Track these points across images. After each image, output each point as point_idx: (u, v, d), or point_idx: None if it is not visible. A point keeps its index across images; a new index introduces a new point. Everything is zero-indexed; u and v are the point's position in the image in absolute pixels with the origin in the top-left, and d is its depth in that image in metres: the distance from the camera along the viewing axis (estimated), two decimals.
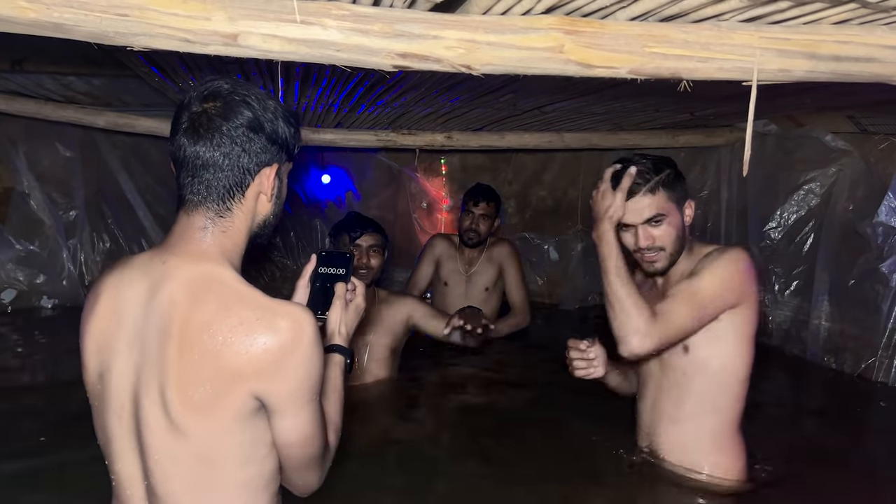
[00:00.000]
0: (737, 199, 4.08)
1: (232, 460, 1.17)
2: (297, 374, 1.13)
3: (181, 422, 1.13)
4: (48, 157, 4.52)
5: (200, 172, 1.18)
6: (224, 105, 1.16)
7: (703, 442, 1.98)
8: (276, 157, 1.22)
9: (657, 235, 1.86)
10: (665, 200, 1.86)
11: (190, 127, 1.17)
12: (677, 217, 1.87)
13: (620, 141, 4.05)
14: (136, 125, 3.74)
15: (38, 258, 4.49)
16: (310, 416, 1.18)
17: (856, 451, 2.65)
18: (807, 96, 2.68)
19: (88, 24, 1.15)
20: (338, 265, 1.46)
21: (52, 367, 3.58)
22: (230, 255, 1.20)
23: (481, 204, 3.77)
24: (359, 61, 1.29)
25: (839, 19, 1.36)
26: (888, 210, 3.20)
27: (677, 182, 1.88)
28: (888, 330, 3.22)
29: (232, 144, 1.16)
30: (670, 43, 1.35)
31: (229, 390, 1.11)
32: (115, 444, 1.22)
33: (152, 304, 1.16)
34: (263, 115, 1.18)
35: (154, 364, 1.14)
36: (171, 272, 1.16)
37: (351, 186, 5.60)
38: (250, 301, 1.12)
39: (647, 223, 1.85)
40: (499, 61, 1.32)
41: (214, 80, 1.19)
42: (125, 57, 2.44)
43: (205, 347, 1.10)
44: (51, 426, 2.58)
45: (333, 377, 1.39)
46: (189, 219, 1.20)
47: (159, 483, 1.18)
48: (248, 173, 1.19)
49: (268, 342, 1.09)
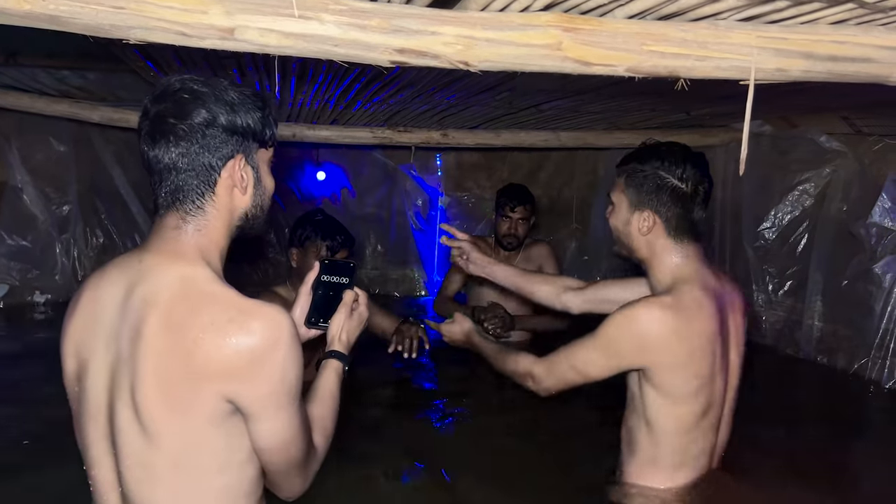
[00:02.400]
0: (731, 199, 4.09)
1: (207, 466, 1.14)
2: (271, 377, 1.09)
3: (152, 426, 1.10)
4: (41, 152, 4.50)
5: (165, 176, 1.15)
6: (174, 104, 1.13)
7: (644, 456, 1.80)
8: (240, 147, 1.18)
9: (609, 214, 1.83)
10: (620, 189, 1.77)
11: (147, 132, 1.15)
12: (623, 215, 1.76)
13: (616, 140, 4.05)
14: (131, 120, 3.72)
15: (31, 253, 4.47)
16: (287, 420, 1.15)
17: (839, 449, 2.66)
18: (802, 97, 2.69)
19: (84, 16, 1.14)
20: (341, 274, 1.47)
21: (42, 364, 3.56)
22: (208, 253, 1.17)
23: (518, 208, 3.58)
24: (356, 57, 1.29)
25: (836, 19, 1.36)
26: (882, 211, 3.22)
27: (643, 185, 1.71)
28: (881, 330, 3.23)
29: (188, 143, 1.13)
30: (668, 41, 1.35)
31: (200, 392, 1.08)
32: (91, 449, 1.20)
33: (127, 304, 1.13)
34: (216, 106, 1.14)
35: (126, 365, 1.11)
36: (147, 271, 1.14)
37: (346, 183, 5.59)
38: (223, 301, 1.09)
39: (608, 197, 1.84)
40: (496, 58, 1.32)
41: (168, 79, 1.16)
42: (120, 51, 2.43)
43: (175, 348, 1.07)
44: (32, 431, 2.58)
45: (329, 382, 1.38)
46: (162, 220, 1.18)
47: (132, 490, 1.15)
48: (212, 169, 1.16)
49: (239, 343, 1.06)
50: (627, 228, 1.75)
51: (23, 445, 2.50)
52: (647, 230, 1.71)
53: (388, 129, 4.03)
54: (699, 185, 1.70)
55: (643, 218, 1.71)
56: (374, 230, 5.62)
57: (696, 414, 1.71)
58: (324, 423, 1.32)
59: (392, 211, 5.60)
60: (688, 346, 1.63)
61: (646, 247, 1.74)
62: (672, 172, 1.68)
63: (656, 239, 1.72)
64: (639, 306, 1.64)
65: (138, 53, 2.43)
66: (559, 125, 3.94)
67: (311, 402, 1.33)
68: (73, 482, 1.57)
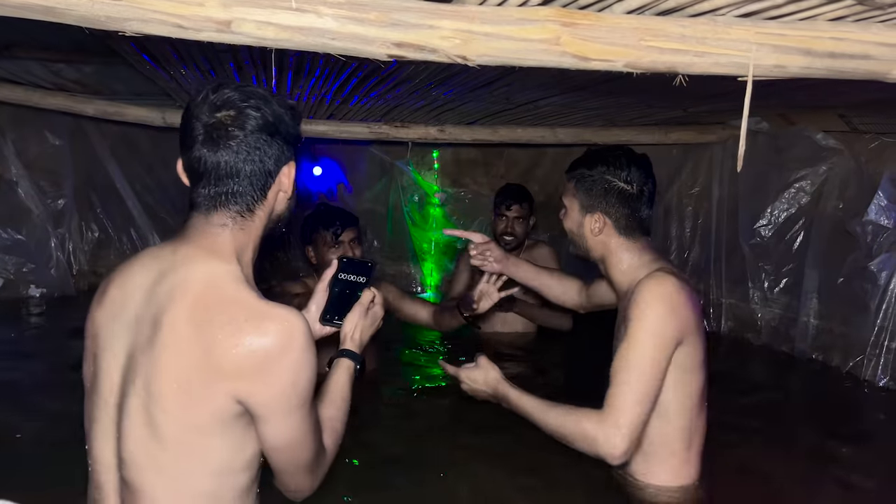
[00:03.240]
0: (728, 196, 4.09)
1: (205, 466, 1.15)
2: (282, 380, 1.12)
3: (160, 416, 1.11)
4: (36, 145, 4.47)
5: (224, 181, 1.20)
6: (237, 113, 1.19)
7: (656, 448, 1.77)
8: (291, 154, 1.26)
9: (563, 217, 1.90)
10: (571, 193, 1.86)
11: (207, 138, 1.18)
12: (576, 217, 1.85)
13: (613, 137, 4.05)
14: (126, 114, 3.71)
15: (26, 247, 4.44)
16: (297, 422, 1.17)
17: (835, 448, 2.67)
18: (799, 94, 2.69)
19: (80, 7, 1.14)
20: (358, 272, 1.49)
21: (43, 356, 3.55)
22: (243, 250, 1.21)
23: (514, 207, 3.58)
24: (354, 50, 1.28)
25: (835, 16, 1.36)
26: (878, 209, 3.22)
27: (592, 189, 1.81)
28: (876, 328, 3.24)
29: (253, 150, 1.19)
30: (667, 37, 1.34)
31: (212, 389, 1.10)
32: (96, 428, 1.22)
33: (154, 292, 1.17)
34: (273, 117, 1.21)
35: (143, 354, 1.13)
36: (179, 262, 1.18)
37: (343, 179, 5.58)
38: (243, 302, 1.12)
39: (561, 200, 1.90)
40: (494, 52, 1.31)
41: (218, 90, 1.21)
42: (116, 44, 2.41)
43: (190, 343, 1.10)
44: (29, 426, 2.57)
45: (340, 382, 1.40)
46: (208, 218, 1.21)
47: (132, 475, 1.16)
48: (270, 175, 1.23)
49: (253, 344, 1.09)
50: (581, 230, 1.85)
51: (15, 439, 2.50)
52: (598, 231, 1.81)
53: (385, 124, 4.02)
54: (644, 186, 1.81)
55: (594, 220, 1.81)
56: (370, 226, 5.61)
57: (702, 385, 1.77)
58: (333, 423, 1.33)
59: (389, 206, 5.59)
60: (696, 309, 1.73)
61: (600, 246, 1.83)
62: (618, 176, 1.79)
63: (608, 238, 1.82)
64: (655, 285, 1.66)
65: (134, 46, 2.42)
66: (556, 121, 3.93)
67: (321, 403, 1.34)
68: (72, 480, 1.57)
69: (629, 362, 1.61)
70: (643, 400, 1.59)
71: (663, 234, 4.54)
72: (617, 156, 1.81)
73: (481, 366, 1.84)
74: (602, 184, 1.80)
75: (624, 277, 1.81)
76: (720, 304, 4.21)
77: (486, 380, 1.82)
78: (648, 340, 1.61)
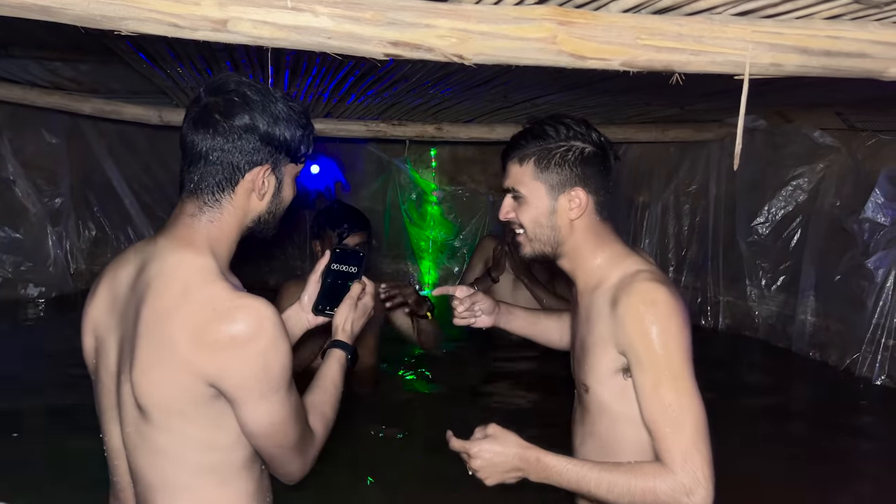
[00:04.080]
0: (725, 194, 4.10)
1: (192, 444, 1.20)
2: (252, 366, 1.14)
3: (143, 402, 1.17)
4: (33, 144, 4.47)
5: (195, 162, 1.21)
6: (224, 102, 1.19)
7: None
8: (270, 157, 1.23)
9: (516, 212, 1.51)
10: (530, 177, 1.48)
11: (193, 117, 1.21)
12: (544, 203, 1.48)
13: (610, 135, 3.95)
14: (123, 112, 3.70)
15: (23, 246, 4.44)
16: (273, 407, 1.18)
17: (833, 445, 2.68)
18: (796, 92, 2.69)
19: (76, 7, 1.13)
20: (350, 263, 1.49)
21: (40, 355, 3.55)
22: (216, 244, 1.22)
23: None
24: (350, 49, 1.28)
25: (831, 14, 1.36)
26: (874, 206, 3.23)
27: (563, 161, 1.46)
28: (873, 325, 3.25)
29: (224, 141, 1.19)
30: (663, 35, 1.34)
31: (183, 376, 1.14)
32: (104, 417, 1.29)
33: (137, 283, 1.21)
34: (261, 116, 1.20)
35: (129, 343, 1.19)
36: (157, 254, 1.21)
37: (340, 177, 5.58)
38: (212, 292, 1.15)
39: (509, 193, 1.53)
40: (491, 51, 1.31)
41: (228, 76, 1.23)
42: (112, 42, 2.41)
43: (164, 332, 1.14)
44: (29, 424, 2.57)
45: (332, 371, 1.41)
46: (183, 204, 1.24)
47: (132, 457, 1.24)
48: (238, 171, 1.21)
49: (220, 331, 1.11)
50: (553, 219, 1.48)
51: (14, 437, 2.50)
52: (579, 212, 1.46)
53: (382, 122, 4.01)
54: (609, 149, 1.52)
55: (571, 198, 1.46)
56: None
57: None
58: (323, 409, 1.35)
59: (386, 204, 5.59)
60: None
61: (574, 233, 1.49)
62: (588, 139, 1.48)
63: (583, 220, 1.48)
64: (659, 295, 1.36)
65: (131, 45, 2.41)
66: None
67: (311, 390, 1.37)
68: (69, 476, 1.58)
69: (673, 400, 1.31)
70: (705, 432, 1.31)
71: (661, 231, 4.55)
72: (573, 120, 1.50)
73: (495, 436, 1.39)
74: (574, 152, 1.46)
75: (596, 272, 1.49)
76: (717, 301, 4.22)
77: (505, 452, 1.37)
78: (679, 364, 1.33)
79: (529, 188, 1.48)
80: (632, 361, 1.37)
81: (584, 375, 1.49)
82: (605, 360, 1.43)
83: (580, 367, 1.52)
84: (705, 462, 1.29)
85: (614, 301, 1.40)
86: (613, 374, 1.42)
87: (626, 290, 1.39)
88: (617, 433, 1.46)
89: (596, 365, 1.45)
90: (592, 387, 1.47)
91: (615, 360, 1.41)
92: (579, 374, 1.53)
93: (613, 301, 1.40)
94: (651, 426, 1.33)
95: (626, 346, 1.37)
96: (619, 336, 1.38)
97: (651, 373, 1.33)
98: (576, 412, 1.60)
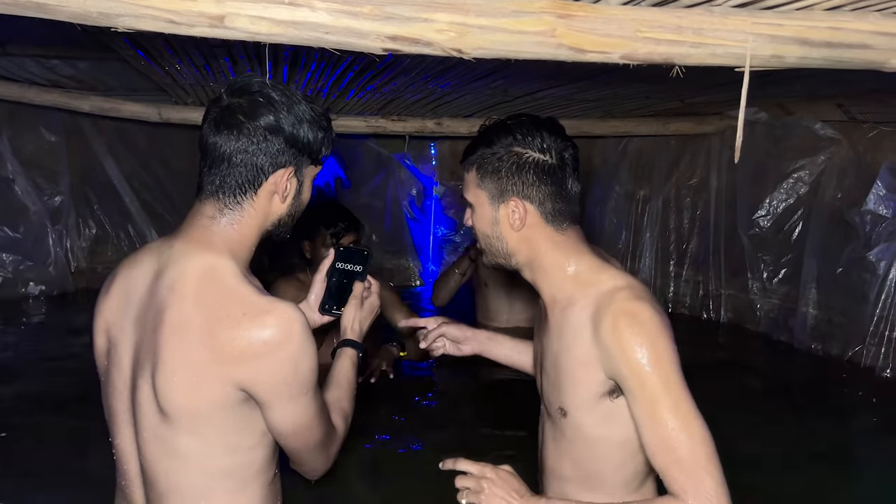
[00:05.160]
0: (726, 187, 4.09)
1: (216, 448, 1.20)
2: (282, 370, 1.15)
3: (167, 406, 1.16)
4: (33, 143, 4.47)
5: (217, 164, 1.20)
6: (248, 103, 1.19)
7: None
8: (294, 160, 1.24)
9: (470, 218, 1.45)
10: (474, 185, 1.41)
11: (215, 118, 1.20)
12: (487, 214, 1.40)
13: (611, 128, 4.04)
14: (122, 110, 3.70)
15: (24, 245, 4.45)
16: (301, 408, 1.20)
17: (837, 437, 2.67)
18: (797, 84, 2.68)
19: (72, 4, 1.13)
20: (355, 262, 1.50)
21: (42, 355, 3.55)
22: (236, 247, 1.22)
23: None
24: (348, 44, 1.27)
25: (832, 5, 1.35)
26: (876, 198, 3.22)
27: (500, 169, 1.37)
28: (875, 318, 3.25)
29: (248, 142, 1.19)
30: (663, 28, 1.33)
31: (214, 380, 1.14)
32: (115, 419, 1.28)
33: (155, 287, 1.20)
34: (286, 117, 1.20)
35: (149, 347, 1.18)
36: (176, 257, 1.20)
37: (340, 173, 5.57)
38: (240, 296, 1.15)
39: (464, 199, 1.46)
40: (490, 45, 1.30)
41: (251, 77, 1.23)
42: (110, 39, 2.40)
43: (192, 337, 1.13)
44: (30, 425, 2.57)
45: (345, 369, 1.45)
46: (201, 206, 1.23)
47: (148, 461, 1.23)
48: (262, 173, 1.21)
49: (252, 337, 1.12)
50: (497, 230, 1.40)
51: (15, 438, 2.50)
52: (520, 223, 1.37)
53: (381, 117, 4.01)
54: (564, 153, 1.40)
55: (511, 209, 1.37)
56: (368, 220, 5.59)
57: None
58: (341, 404, 1.39)
59: (387, 200, 5.58)
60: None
61: (524, 246, 1.40)
62: (529, 145, 1.38)
63: (533, 231, 1.38)
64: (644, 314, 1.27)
65: (128, 42, 2.40)
66: (554, 113, 3.92)
67: (328, 387, 1.40)
68: (69, 476, 1.57)
69: (675, 426, 1.22)
70: (713, 453, 1.21)
71: (662, 225, 4.54)
72: (522, 122, 1.40)
73: (512, 474, 1.31)
74: (511, 159, 1.37)
75: (564, 287, 1.38)
76: (719, 294, 4.22)
77: (520, 490, 1.28)
78: (676, 387, 1.24)
79: (474, 195, 1.42)
80: (625, 389, 1.28)
81: (560, 398, 1.39)
82: (587, 384, 1.33)
83: (553, 387, 1.41)
84: (717, 485, 1.19)
85: (596, 324, 1.30)
86: (598, 399, 1.33)
87: (608, 313, 1.28)
88: (596, 455, 1.39)
89: (575, 390, 1.35)
90: (571, 412, 1.37)
91: (601, 384, 1.32)
92: (552, 395, 1.42)
93: (595, 324, 1.30)
94: (654, 457, 1.24)
95: (616, 373, 1.28)
96: (605, 362, 1.29)
97: (647, 401, 1.24)
98: (545, 429, 1.51)
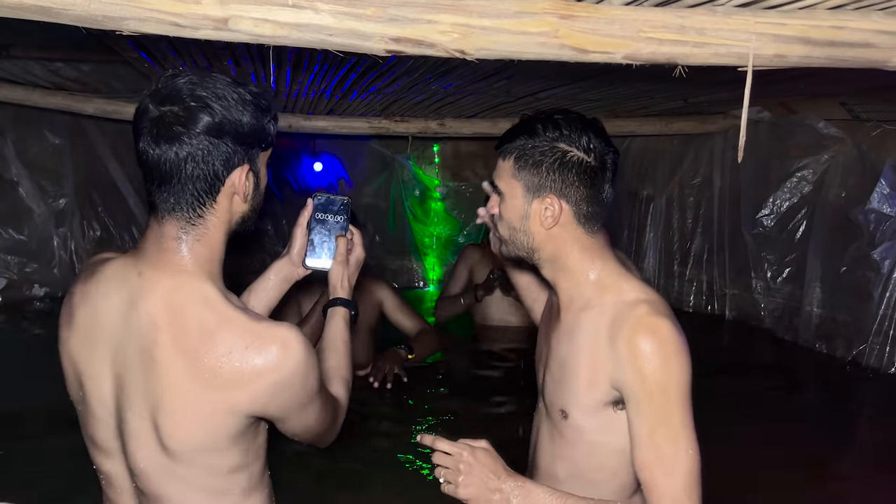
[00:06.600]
0: (730, 186, 4.08)
1: (221, 469, 1.19)
2: (293, 390, 1.14)
3: (172, 444, 1.12)
4: (37, 145, 4.48)
5: (167, 180, 1.11)
6: (182, 109, 1.09)
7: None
8: (246, 154, 1.16)
9: (498, 207, 1.41)
10: (509, 174, 1.37)
11: (150, 133, 1.10)
12: (518, 204, 1.36)
13: (614, 128, 4.04)
14: (126, 112, 3.69)
15: (28, 247, 4.46)
16: (312, 413, 1.21)
17: (841, 436, 2.67)
18: (801, 83, 2.68)
19: (76, 7, 1.13)
20: (335, 211, 1.45)
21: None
22: (208, 264, 1.16)
23: None
24: (351, 46, 1.28)
25: (834, 4, 1.35)
26: (880, 197, 3.22)
27: (541, 163, 1.33)
28: (879, 316, 3.24)
29: (194, 151, 1.09)
30: (666, 28, 1.33)
31: (222, 415, 1.12)
32: (101, 448, 1.22)
33: (132, 319, 1.12)
34: (226, 114, 1.10)
35: (139, 385, 1.12)
36: (149, 287, 1.12)
37: (343, 174, 5.58)
38: (236, 326, 1.10)
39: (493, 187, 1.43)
40: (493, 46, 1.30)
41: (170, 79, 1.12)
42: (114, 42, 2.41)
43: (194, 375, 1.08)
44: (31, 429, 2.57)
45: (339, 330, 1.41)
46: (161, 227, 1.14)
47: (145, 483, 1.19)
48: (218, 178, 1.13)
49: (258, 367, 1.09)
50: (526, 224, 1.36)
51: (16, 439, 2.50)
52: (552, 220, 1.34)
53: (384, 118, 4.01)
54: (606, 157, 1.35)
55: (546, 206, 1.34)
56: (371, 221, 5.61)
57: None
58: (340, 372, 1.37)
59: (390, 201, 5.59)
60: None
61: (551, 244, 1.36)
62: (575, 143, 1.33)
63: (564, 231, 1.35)
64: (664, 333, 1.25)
65: (132, 45, 2.41)
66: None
67: (325, 354, 1.37)
68: (73, 480, 1.56)
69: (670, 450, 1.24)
70: (697, 480, 1.25)
71: (665, 224, 4.54)
72: (570, 119, 1.35)
73: (489, 451, 1.31)
74: (555, 154, 1.33)
75: (583, 290, 1.37)
76: (723, 293, 4.21)
77: (496, 469, 1.29)
78: (680, 412, 1.25)
79: (507, 185, 1.38)
80: (629, 402, 1.28)
81: (563, 400, 1.38)
82: (593, 391, 1.32)
83: (557, 388, 1.40)
84: (696, 491, 1.23)
85: (613, 334, 1.28)
86: (602, 407, 1.33)
87: (627, 323, 1.27)
88: (592, 462, 1.39)
89: (580, 394, 1.35)
90: (573, 414, 1.36)
91: (607, 394, 1.31)
92: (554, 396, 1.41)
93: (612, 334, 1.28)
94: (642, 472, 1.26)
95: (623, 385, 1.27)
96: (616, 373, 1.28)
97: (649, 420, 1.25)
98: (541, 428, 1.50)
